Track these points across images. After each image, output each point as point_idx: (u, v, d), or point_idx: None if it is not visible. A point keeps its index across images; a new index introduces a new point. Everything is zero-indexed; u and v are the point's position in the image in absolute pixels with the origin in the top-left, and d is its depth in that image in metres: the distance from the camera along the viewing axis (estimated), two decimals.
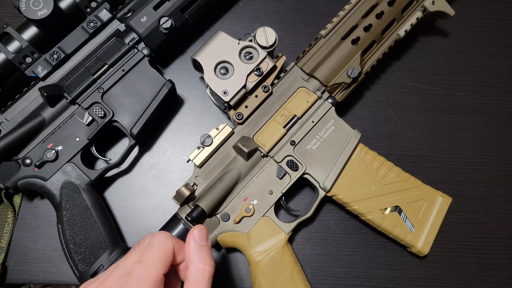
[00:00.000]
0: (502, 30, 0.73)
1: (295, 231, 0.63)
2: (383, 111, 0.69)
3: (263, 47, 0.58)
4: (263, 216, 0.57)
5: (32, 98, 0.59)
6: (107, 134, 0.63)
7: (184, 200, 0.54)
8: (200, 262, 0.40)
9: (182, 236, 0.57)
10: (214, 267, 0.41)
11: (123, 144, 0.67)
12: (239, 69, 0.57)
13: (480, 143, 0.69)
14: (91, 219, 0.58)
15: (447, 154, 0.68)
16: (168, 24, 0.60)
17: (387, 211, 0.59)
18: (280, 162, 0.58)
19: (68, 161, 0.59)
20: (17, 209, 0.64)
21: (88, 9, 0.59)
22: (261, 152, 0.58)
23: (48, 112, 0.58)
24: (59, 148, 0.58)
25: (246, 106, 0.59)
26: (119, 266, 0.40)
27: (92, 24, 0.59)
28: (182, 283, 0.43)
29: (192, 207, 0.55)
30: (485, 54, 0.72)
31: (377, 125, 0.69)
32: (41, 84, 0.59)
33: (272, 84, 0.60)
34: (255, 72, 0.57)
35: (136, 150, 0.66)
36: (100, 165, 0.65)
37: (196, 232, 0.42)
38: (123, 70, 0.60)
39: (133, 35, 0.61)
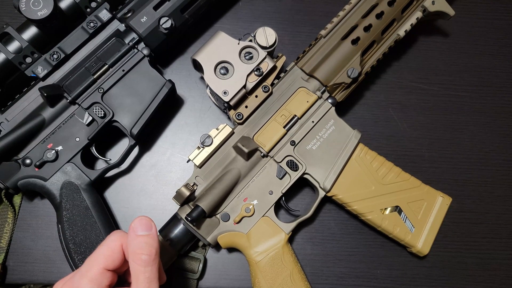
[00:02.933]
0: (502, 30, 0.73)
1: (295, 231, 0.63)
2: (383, 111, 0.69)
3: (263, 47, 0.58)
4: (263, 216, 0.57)
5: (32, 98, 0.59)
6: (107, 134, 0.63)
7: (184, 200, 0.54)
8: (135, 251, 0.41)
9: (182, 236, 0.57)
10: (151, 256, 0.40)
11: (123, 144, 0.67)
12: (239, 69, 0.57)
13: (480, 143, 0.69)
14: (91, 219, 0.58)
15: (447, 154, 0.68)
16: (168, 24, 0.60)
17: (387, 211, 0.59)
18: (280, 162, 0.58)
19: (68, 161, 0.59)
20: (17, 209, 0.64)
21: (88, 9, 0.59)
22: (261, 152, 0.58)
23: (48, 112, 0.58)
24: (59, 148, 0.58)
25: (246, 106, 0.59)
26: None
27: (92, 24, 0.59)
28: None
29: (192, 207, 0.55)
30: (485, 54, 0.72)
31: (377, 125, 0.69)
32: (41, 84, 0.59)
33: (272, 84, 0.60)
34: (255, 72, 0.57)
35: (136, 150, 0.66)
36: (100, 165, 0.65)
37: (134, 224, 0.42)
38: (123, 70, 0.60)
39: (133, 35, 0.60)
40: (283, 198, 0.59)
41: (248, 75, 0.57)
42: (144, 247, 0.41)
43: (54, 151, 0.58)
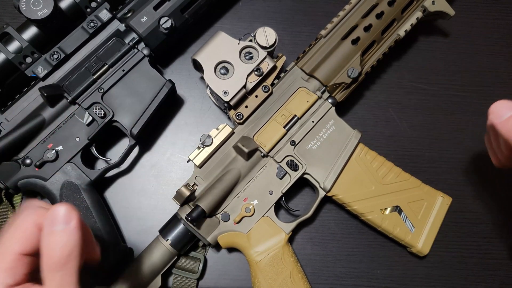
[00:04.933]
0: (502, 30, 0.73)
1: (295, 231, 0.63)
2: (383, 111, 0.69)
3: (263, 47, 0.58)
4: (263, 216, 0.57)
5: (32, 98, 0.59)
6: (107, 134, 0.63)
7: (184, 200, 0.54)
8: (44, 252, 0.33)
9: (182, 236, 0.57)
10: (61, 258, 0.33)
11: (123, 144, 0.67)
12: (239, 69, 0.57)
13: (480, 143, 0.69)
14: (91, 219, 0.58)
15: (447, 154, 0.68)
16: (168, 24, 0.60)
17: (387, 211, 0.59)
18: (280, 162, 0.58)
19: (68, 161, 0.59)
20: (17, 209, 0.64)
21: (88, 9, 0.59)
22: (261, 152, 0.58)
23: (48, 112, 0.58)
24: (59, 148, 0.58)
25: (246, 106, 0.59)
26: None
27: (92, 24, 0.59)
28: None
29: (192, 207, 0.55)
30: (485, 54, 0.72)
31: (377, 125, 0.69)
32: (41, 84, 0.59)
33: (272, 84, 0.60)
34: (255, 72, 0.57)
35: (136, 150, 0.66)
36: (100, 165, 0.65)
37: (48, 215, 0.34)
38: (123, 70, 0.60)
39: (133, 35, 0.60)
40: (283, 198, 0.59)
41: (248, 75, 0.57)
42: (55, 247, 0.33)
43: (54, 151, 0.58)
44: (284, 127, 0.58)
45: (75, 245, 0.33)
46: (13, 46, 0.56)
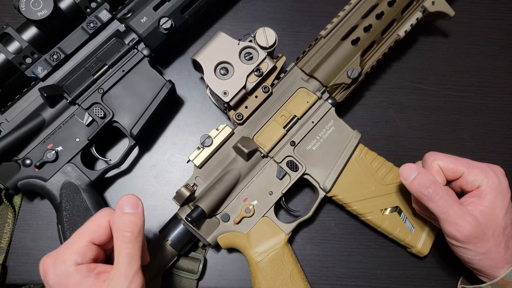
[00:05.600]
0: (502, 30, 0.73)
1: (295, 231, 0.63)
2: (383, 111, 0.69)
3: (263, 48, 0.58)
4: (263, 216, 0.57)
5: (32, 99, 0.59)
6: (107, 135, 0.63)
7: (184, 200, 0.54)
8: (119, 228, 0.42)
9: (182, 236, 0.57)
10: (133, 233, 0.41)
11: (123, 144, 0.67)
12: (239, 69, 0.57)
13: (480, 143, 0.69)
14: None
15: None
16: (168, 25, 0.60)
17: (387, 212, 0.59)
18: (280, 162, 0.58)
19: (68, 162, 0.59)
20: (17, 209, 0.64)
21: (88, 10, 0.59)
22: (261, 153, 0.58)
23: (48, 113, 0.58)
24: (59, 148, 0.58)
25: (246, 107, 0.59)
26: None
27: (92, 25, 0.59)
28: None
29: (192, 208, 0.55)
30: (485, 54, 0.72)
31: (377, 125, 0.69)
32: (41, 84, 0.59)
33: (272, 84, 0.60)
34: (255, 73, 0.57)
35: (136, 151, 0.66)
36: (100, 165, 0.65)
37: (122, 201, 0.43)
38: (123, 71, 0.60)
39: (133, 35, 0.60)
40: (283, 198, 0.59)
41: (248, 76, 0.57)
42: (128, 224, 0.41)
43: (54, 151, 0.58)
44: (284, 127, 0.58)
45: (141, 225, 0.43)
46: (13, 46, 0.56)
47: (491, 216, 0.49)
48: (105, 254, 0.46)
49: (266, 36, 0.58)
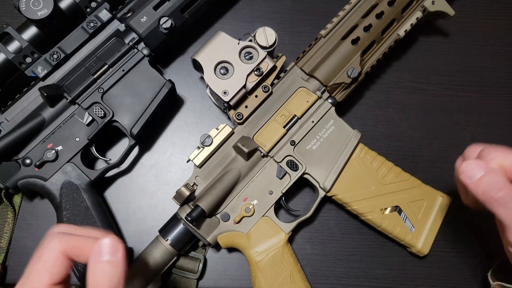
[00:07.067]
0: (502, 30, 0.73)
1: (295, 231, 0.63)
2: (383, 111, 0.69)
3: (263, 47, 0.58)
4: (263, 216, 0.57)
5: (32, 98, 0.59)
6: (107, 134, 0.63)
7: (184, 200, 0.54)
8: (92, 285, 0.34)
9: (182, 236, 0.57)
10: None
11: (123, 144, 0.67)
12: (239, 69, 0.57)
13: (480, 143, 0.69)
14: (91, 219, 0.58)
15: (447, 154, 0.68)
16: (168, 24, 0.60)
17: (387, 211, 0.59)
18: (280, 162, 0.58)
19: (68, 161, 0.59)
20: (17, 209, 0.64)
21: (88, 9, 0.59)
22: (261, 152, 0.58)
23: (48, 112, 0.58)
24: (59, 148, 0.58)
25: (246, 106, 0.59)
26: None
27: (92, 24, 0.59)
28: None
29: (192, 207, 0.55)
30: (485, 54, 0.72)
31: (377, 125, 0.69)
32: (41, 84, 0.59)
33: (272, 84, 0.60)
34: (255, 72, 0.57)
35: (136, 150, 0.66)
36: (100, 165, 0.65)
37: (97, 246, 0.35)
38: (123, 70, 0.60)
39: (133, 35, 0.61)
40: (283, 198, 0.59)
41: (248, 75, 0.57)
42: (102, 279, 0.34)
43: (54, 151, 0.58)
44: (284, 127, 0.58)
45: (121, 276, 0.34)
46: (13, 46, 0.56)
47: None
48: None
49: (266, 35, 0.58)
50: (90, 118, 0.59)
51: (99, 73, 0.59)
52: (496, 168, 0.44)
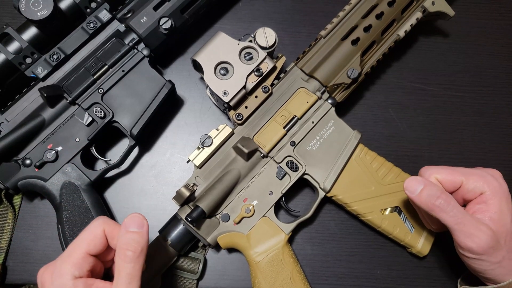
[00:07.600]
0: (502, 30, 0.73)
1: (295, 231, 0.63)
2: (383, 111, 0.69)
3: (263, 48, 0.58)
4: (263, 216, 0.57)
5: (32, 99, 0.59)
6: (107, 135, 0.63)
7: (184, 200, 0.54)
8: (121, 246, 0.41)
9: (182, 236, 0.57)
10: (135, 253, 0.41)
11: (123, 144, 0.67)
12: (239, 69, 0.57)
13: (480, 143, 0.69)
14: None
15: (447, 154, 0.68)
16: (168, 25, 0.60)
17: (387, 212, 0.59)
18: (280, 162, 0.58)
19: (68, 162, 0.59)
20: (17, 209, 0.64)
21: (88, 10, 0.59)
22: (261, 153, 0.58)
23: (48, 113, 0.58)
24: (59, 148, 0.58)
25: (246, 107, 0.59)
26: None
27: (92, 25, 0.59)
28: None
29: (192, 208, 0.55)
30: (485, 54, 0.72)
31: (377, 125, 0.69)
32: (41, 84, 0.59)
33: (272, 84, 0.60)
34: (255, 73, 0.57)
35: (136, 151, 0.66)
36: (100, 165, 0.65)
37: (127, 220, 0.43)
38: (123, 71, 0.60)
39: (133, 35, 0.60)
40: (283, 198, 0.59)
41: (248, 76, 0.57)
42: (131, 243, 0.41)
43: (54, 151, 0.58)
44: (284, 127, 0.58)
45: (144, 245, 0.42)
46: (13, 46, 0.56)
47: (500, 222, 0.47)
48: (105, 266, 0.46)
49: (266, 36, 0.58)
50: (90, 119, 0.59)
51: (99, 73, 0.59)
52: (434, 181, 0.50)
